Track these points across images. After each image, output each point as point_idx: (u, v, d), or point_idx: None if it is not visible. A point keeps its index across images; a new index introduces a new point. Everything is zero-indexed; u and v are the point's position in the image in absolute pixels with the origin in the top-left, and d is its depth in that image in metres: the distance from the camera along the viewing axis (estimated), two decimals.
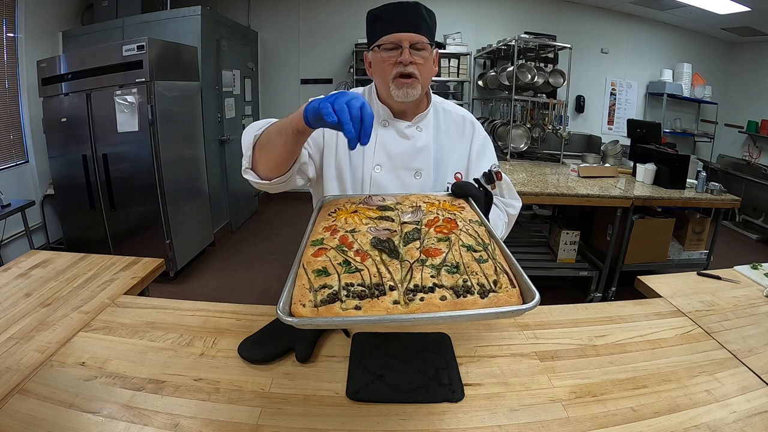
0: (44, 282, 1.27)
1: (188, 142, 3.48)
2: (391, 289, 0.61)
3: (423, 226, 0.78)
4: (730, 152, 5.44)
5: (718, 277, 1.40)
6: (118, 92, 2.97)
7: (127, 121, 3.00)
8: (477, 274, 0.63)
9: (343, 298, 0.59)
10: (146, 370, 0.90)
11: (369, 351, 0.97)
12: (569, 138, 4.32)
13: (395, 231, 0.76)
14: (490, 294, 0.60)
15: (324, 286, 0.62)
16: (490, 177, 1.06)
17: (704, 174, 3.07)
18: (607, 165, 3.69)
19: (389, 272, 0.64)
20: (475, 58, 5.19)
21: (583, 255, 3.30)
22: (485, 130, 1.24)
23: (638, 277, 1.40)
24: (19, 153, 3.47)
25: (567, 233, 3.15)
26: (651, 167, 3.19)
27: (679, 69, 5.38)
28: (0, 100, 3.27)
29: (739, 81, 5.46)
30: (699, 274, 1.43)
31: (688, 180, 3.13)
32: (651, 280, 1.37)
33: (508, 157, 3.99)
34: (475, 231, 0.76)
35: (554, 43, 4.30)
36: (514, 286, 0.62)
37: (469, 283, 0.61)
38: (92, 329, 1.05)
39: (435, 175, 1.10)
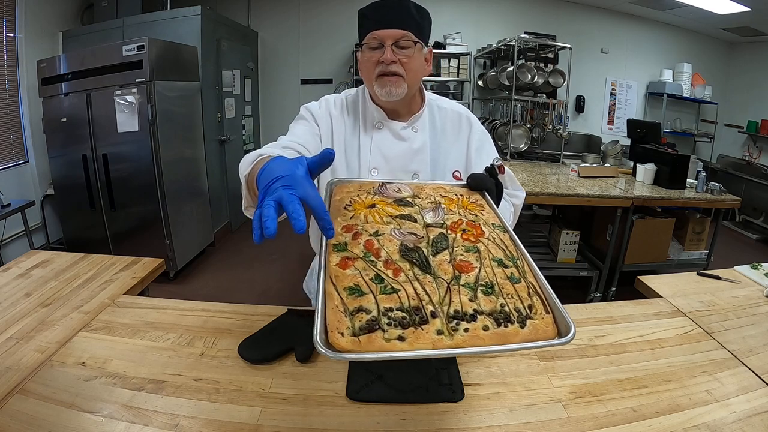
0: (44, 282, 1.27)
1: (188, 142, 3.48)
2: (433, 315, 0.57)
3: (448, 231, 0.75)
4: (730, 152, 5.44)
5: (718, 277, 1.40)
6: (118, 92, 2.97)
7: (127, 121, 3.00)
8: (512, 297, 0.62)
9: (385, 327, 0.55)
10: (146, 370, 0.90)
11: None
12: (569, 138, 4.32)
13: (422, 236, 0.73)
14: (527, 321, 0.58)
15: (360, 310, 0.57)
16: (493, 171, 1.05)
17: (704, 174, 3.07)
18: (607, 165, 3.69)
19: (427, 293, 0.61)
20: (475, 58, 5.19)
21: (583, 255, 3.30)
22: (485, 129, 1.23)
23: (638, 277, 1.40)
24: (19, 153, 3.47)
25: (567, 233, 3.15)
26: (651, 167, 3.19)
27: (679, 69, 5.38)
28: (0, 100, 3.27)
29: (739, 81, 5.46)
30: (699, 274, 1.43)
31: (688, 180, 3.13)
32: (651, 280, 1.37)
33: (508, 157, 4.00)
34: (501, 240, 0.74)
35: (554, 43, 4.30)
36: (548, 312, 0.61)
37: (507, 309, 0.59)
38: (92, 329, 1.05)
39: (432, 175, 1.09)
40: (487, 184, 0.91)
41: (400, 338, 0.54)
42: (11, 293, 1.20)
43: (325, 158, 0.63)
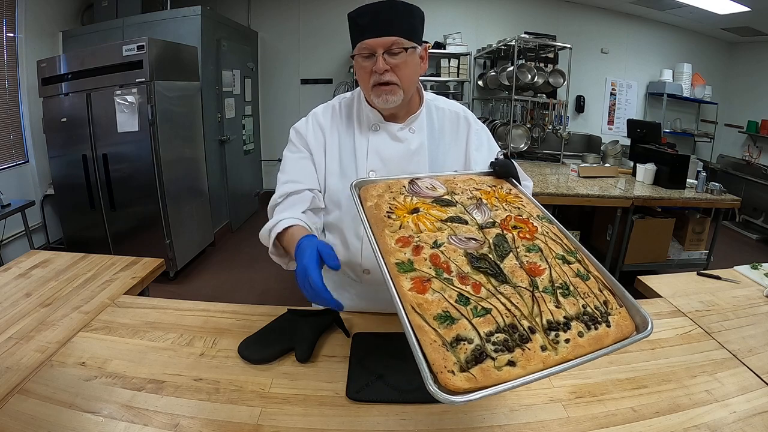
0: (44, 282, 1.27)
1: (188, 142, 3.48)
2: (531, 330, 0.55)
3: (502, 229, 0.72)
4: (730, 152, 5.43)
5: (718, 277, 1.40)
6: (118, 92, 2.96)
7: (127, 121, 3.00)
8: (589, 295, 0.61)
9: (493, 354, 0.52)
10: (146, 370, 0.90)
11: (369, 351, 0.97)
12: (569, 138, 4.32)
13: (482, 241, 0.68)
14: (609, 318, 0.58)
15: (459, 339, 0.53)
16: None
17: (704, 174, 3.07)
18: (607, 165, 3.69)
19: (517, 307, 0.58)
20: (475, 58, 5.19)
21: None
22: (485, 127, 1.22)
23: (638, 277, 1.40)
24: (19, 153, 3.47)
25: None
26: (651, 167, 3.19)
27: (679, 69, 5.38)
28: (0, 100, 3.27)
29: (739, 81, 5.46)
30: (699, 274, 1.43)
31: (688, 180, 3.13)
32: (651, 280, 1.37)
33: (508, 155, 3.99)
34: (555, 234, 0.73)
35: (554, 43, 4.30)
36: (621, 305, 0.61)
37: (589, 310, 0.59)
38: (92, 329, 1.05)
39: None
40: (514, 171, 0.89)
41: (511, 363, 0.52)
42: (11, 293, 1.20)
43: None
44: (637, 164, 3.36)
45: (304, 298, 1.41)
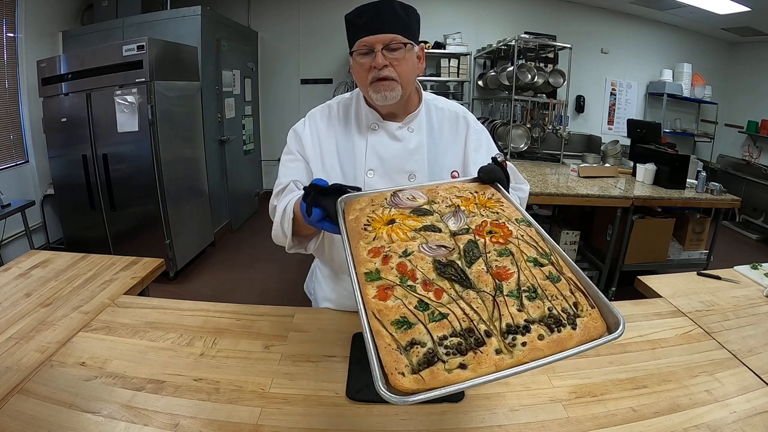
0: (44, 282, 1.27)
1: (188, 142, 3.48)
2: (487, 334, 0.56)
3: (476, 236, 0.72)
4: (730, 152, 5.43)
5: (718, 277, 1.40)
6: (118, 92, 2.96)
7: (127, 121, 3.00)
8: (557, 298, 0.61)
9: (444, 357, 0.54)
10: (146, 370, 0.90)
11: None
12: (569, 138, 4.32)
13: (452, 248, 0.70)
14: (577, 320, 0.58)
15: (413, 343, 0.55)
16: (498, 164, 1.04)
17: (704, 174, 3.07)
18: (607, 165, 3.69)
19: (475, 311, 0.59)
20: (475, 58, 5.19)
21: (583, 255, 3.30)
22: (484, 127, 1.22)
23: (638, 277, 1.40)
24: (19, 153, 3.47)
25: (567, 233, 3.15)
26: (651, 167, 3.19)
27: (679, 69, 5.38)
28: (0, 100, 3.27)
29: (739, 81, 5.46)
30: (699, 274, 1.43)
31: (688, 180, 3.13)
32: (651, 280, 1.37)
33: (508, 157, 4.00)
34: (531, 237, 0.72)
35: (554, 43, 4.30)
36: (593, 306, 0.60)
37: (555, 312, 0.59)
38: (92, 329, 1.05)
39: (430, 176, 1.08)
40: (499, 176, 0.89)
41: (462, 366, 0.53)
42: (11, 293, 1.20)
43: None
44: (637, 164, 3.36)
45: (304, 299, 1.42)
